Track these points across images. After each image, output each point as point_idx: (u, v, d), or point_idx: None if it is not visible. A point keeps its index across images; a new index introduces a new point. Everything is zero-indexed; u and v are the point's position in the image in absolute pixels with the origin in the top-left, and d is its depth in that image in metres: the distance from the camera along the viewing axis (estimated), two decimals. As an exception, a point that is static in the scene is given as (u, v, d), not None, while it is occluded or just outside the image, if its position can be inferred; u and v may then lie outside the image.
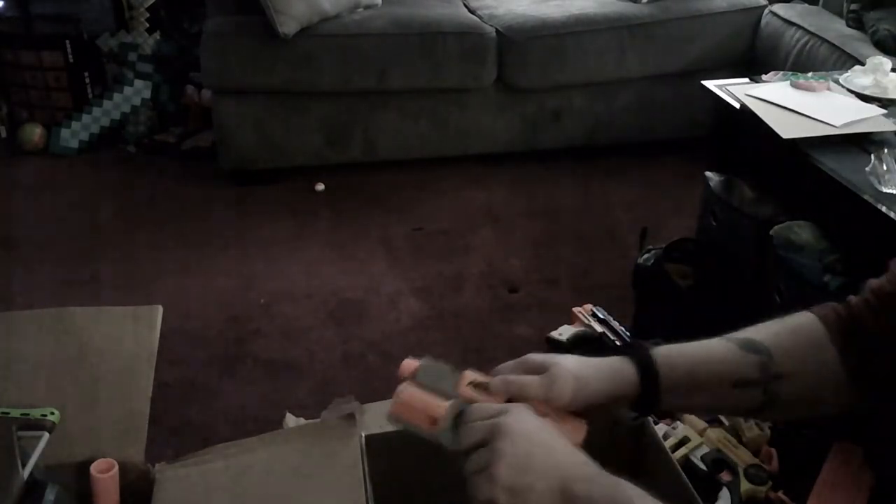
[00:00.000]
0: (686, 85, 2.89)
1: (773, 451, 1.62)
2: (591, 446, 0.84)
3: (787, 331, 0.90)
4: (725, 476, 1.56)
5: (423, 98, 2.85)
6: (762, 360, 0.86)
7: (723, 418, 1.72)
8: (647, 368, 0.85)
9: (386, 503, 1.09)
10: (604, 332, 2.03)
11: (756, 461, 1.59)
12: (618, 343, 2.00)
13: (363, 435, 1.13)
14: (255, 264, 2.41)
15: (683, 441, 1.62)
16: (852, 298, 0.92)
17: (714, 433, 1.64)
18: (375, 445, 1.12)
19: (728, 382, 0.86)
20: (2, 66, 3.16)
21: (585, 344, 2.03)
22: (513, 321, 2.15)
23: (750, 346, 0.87)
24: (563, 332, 2.05)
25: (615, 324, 2.05)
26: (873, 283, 0.91)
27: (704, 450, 1.61)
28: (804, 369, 0.87)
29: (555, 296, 2.24)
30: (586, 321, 2.07)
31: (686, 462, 1.58)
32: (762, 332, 0.90)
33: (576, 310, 2.12)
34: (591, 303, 2.13)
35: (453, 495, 1.10)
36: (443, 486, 1.18)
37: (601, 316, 2.08)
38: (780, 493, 1.53)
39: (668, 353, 0.87)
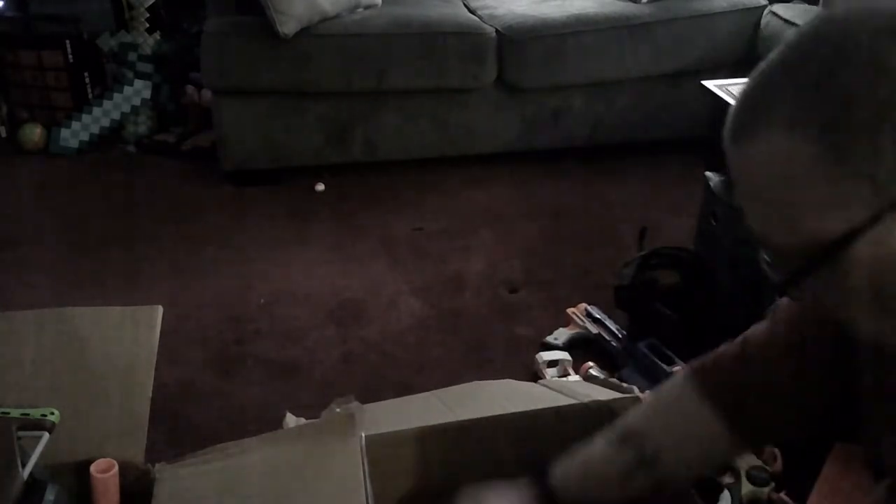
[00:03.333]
0: (686, 85, 2.89)
1: (777, 451, 1.62)
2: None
3: (658, 405, 0.96)
4: (727, 478, 1.56)
5: (423, 98, 2.85)
6: (636, 445, 0.91)
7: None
8: (543, 484, 0.95)
9: (386, 503, 1.09)
10: (599, 333, 2.03)
11: (759, 462, 1.59)
12: (614, 344, 1.99)
13: (363, 435, 1.13)
14: (255, 264, 2.41)
15: (684, 442, 1.62)
16: (722, 349, 0.94)
17: (715, 434, 1.64)
18: (375, 445, 1.12)
19: (615, 479, 0.93)
20: (2, 66, 3.16)
21: (583, 346, 2.03)
22: (513, 321, 2.15)
23: (623, 438, 0.93)
24: (559, 337, 2.04)
25: (610, 323, 2.04)
26: (749, 333, 0.93)
27: (705, 451, 1.60)
28: (681, 437, 0.92)
29: (555, 296, 2.24)
30: (581, 322, 2.07)
31: (687, 463, 1.58)
32: (636, 415, 0.96)
33: (570, 311, 2.11)
34: (592, 303, 2.13)
35: (452, 495, 1.10)
36: (442, 486, 1.18)
37: (597, 315, 2.07)
38: (782, 494, 1.53)
39: (564, 468, 0.97)
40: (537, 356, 1.92)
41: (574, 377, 1.88)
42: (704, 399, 0.90)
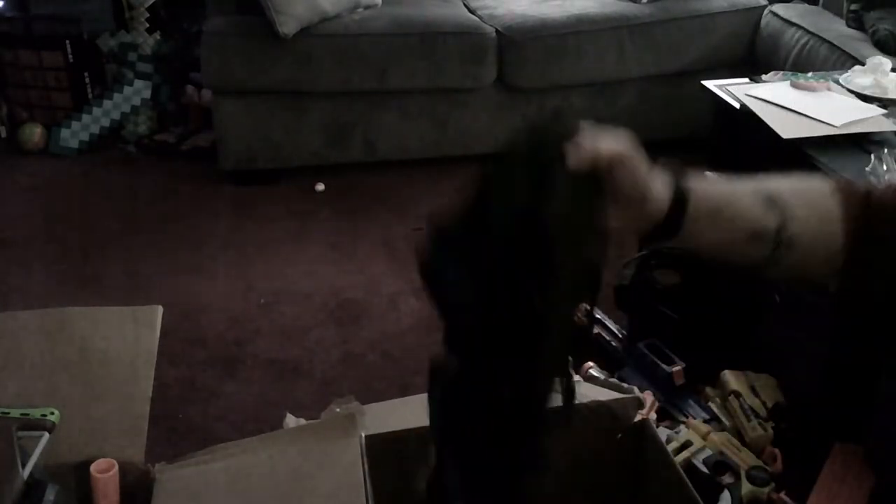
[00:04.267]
0: (686, 85, 2.89)
1: (777, 451, 1.62)
2: (595, 450, 0.84)
3: (809, 201, 0.89)
4: (727, 478, 1.56)
5: (423, 98, 2.85)
6: (780, 222, 0.85)
7: (724, 420, 1.72)
8: (680, 190, 0.85)
9: (386, 503, 1.09)
10: (599, 333, 2.03)
11: (759, 463, 1.59)
12: (614, 344, 1.99)
13: (363, 435, 1.13)
14: (255, 264, 2.41)
15: (686, 445, 1.62)
16: (878, 190, 0.90)
17: (717, 437, 1.64)
18: (375, 446, 1.13)
19: (745, 230, 0.86)
20: (2, 66, 3.16)
21: (581, 345, 2.02)
22: (513, 321, 2.15)
23: (774, 205, 0.86)
24: (560, 336, 2.03)
25: (610, 323, 2.04)
26: None
27: (707, 453, 1.61)
28: (812, 243, 0.87)
29: (555, 296, 2.24)
30: (581, 322, 2.06)
31: (688, 465, 1.58)
32: (789, 192, 0.89)
33: (569, 310, 2.10)
34: (591, 303, 2.13)
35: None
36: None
37: (597, 315, 2.07)
38: (782, 494, 1.53)
39: (701, 182, 0.87)
40: (537, 356, 1.92)
41: (574, 377, 1.88)
42: (842, 219, 0.87)
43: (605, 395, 1.33)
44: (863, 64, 2.16)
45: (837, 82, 2.10)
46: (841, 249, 0.87)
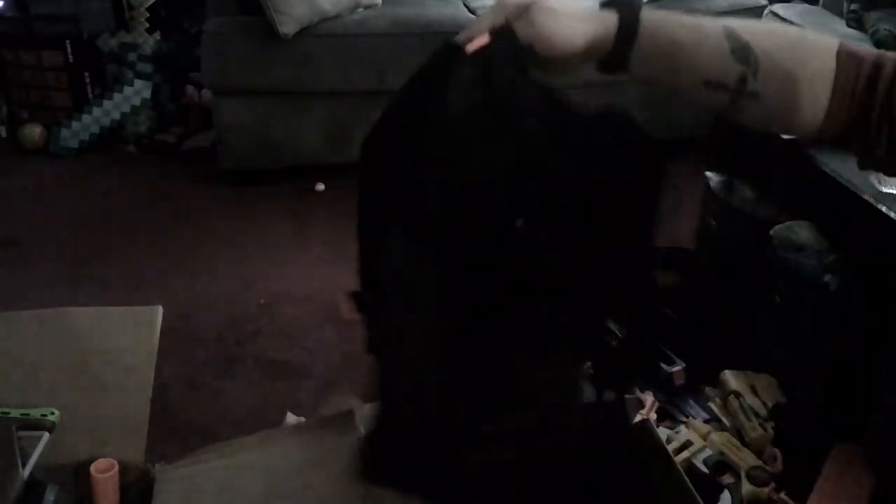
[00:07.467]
0: (686, 85, 2.88)
1: (777, 451, 1.62)
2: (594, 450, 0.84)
3: (794, 55, 0.81)
4: (727, 478, 1.56)
5: (423, 98, 2.85)
6: (745, 73, 0.79)
7: (724, 420, 1.72)
8: (628, 26, 0.80)
9: (384, 499, 1.09)
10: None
11: (759, 463, 1.59)
12: (613, 344, 1.99)
13: (362, 430, 1.13)
14: (255, 264, 2.41)
15: (686, 445, 1.62)
16: (890, 65, 0.80)
17: (717, 437, 1.64)
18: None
19: (701, 76, 0.81)
20: (2, 66, 3.17)
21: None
22: (513, 321, 2.15)
23: (741, 55, 0.79)
24: (560, 334, 2.03)
25: (610, 322, 2.03)
26: None
27: (707, 453, 1.61)
28: (784, 100, 0.81)
29: (555, 296, 2.24)
30: (583, 322, 2.07)
31: (689, 466, 1.58)
32: (766, 41, 0.81)
33: (570, 310, 2.10)
34: (591, 303, 2.13)
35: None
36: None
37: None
38: (783, 494, 1.53)
39: (658, 21, 0.81)
40: (537, 356, 1.92)
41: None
42: (833, 83, 0.80)
43: (605, 395, 1.33)
44: (863, 64, 2.16)
45: (837, 82, 2.10)
46: (823, 112, 0.80)
